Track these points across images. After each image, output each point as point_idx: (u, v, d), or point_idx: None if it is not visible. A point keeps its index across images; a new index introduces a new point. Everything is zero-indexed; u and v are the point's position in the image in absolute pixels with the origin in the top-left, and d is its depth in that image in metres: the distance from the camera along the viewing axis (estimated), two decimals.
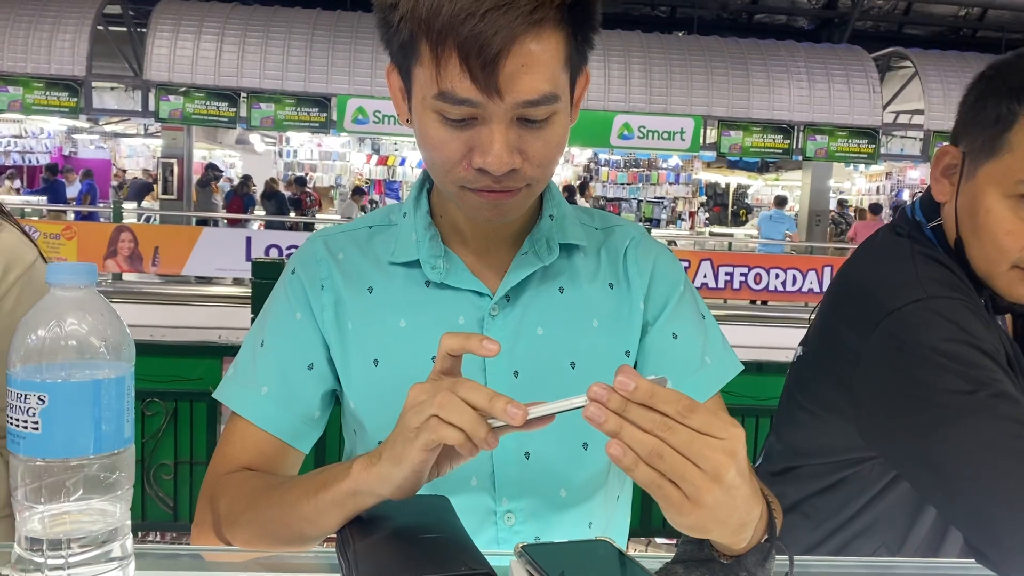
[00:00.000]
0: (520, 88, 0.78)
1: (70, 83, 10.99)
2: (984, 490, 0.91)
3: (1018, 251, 1.01)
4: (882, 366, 1.02)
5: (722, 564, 0.72)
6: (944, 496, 0.96)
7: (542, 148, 0.83)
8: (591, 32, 0.84)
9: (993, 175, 1.02)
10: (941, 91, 11.88)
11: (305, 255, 0.99)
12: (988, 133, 1.02)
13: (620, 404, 0.61)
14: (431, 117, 0.82)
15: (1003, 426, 0.91)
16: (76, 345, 0.64)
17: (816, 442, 1.16)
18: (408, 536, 0.73)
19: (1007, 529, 0.89)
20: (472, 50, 0.75)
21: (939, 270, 1.06)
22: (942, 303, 1.01)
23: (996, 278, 1.05)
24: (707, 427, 0.61)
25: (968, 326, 0.99)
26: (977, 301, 1.05)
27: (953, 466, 0.93)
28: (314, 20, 11.66)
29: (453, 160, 0.83)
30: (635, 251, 1.01)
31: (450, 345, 0.72)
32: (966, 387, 0.94)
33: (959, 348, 0.96)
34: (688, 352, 0.98)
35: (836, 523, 1.16)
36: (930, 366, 0.96)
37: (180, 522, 3.26)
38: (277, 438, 0.94)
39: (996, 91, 1.03)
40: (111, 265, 9.78)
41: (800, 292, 10.49)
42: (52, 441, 0.63)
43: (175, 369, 3.20)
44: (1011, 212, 1.01)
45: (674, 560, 0.74)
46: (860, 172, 19.30)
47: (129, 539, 0.68)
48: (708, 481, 0.60)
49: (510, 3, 0.75)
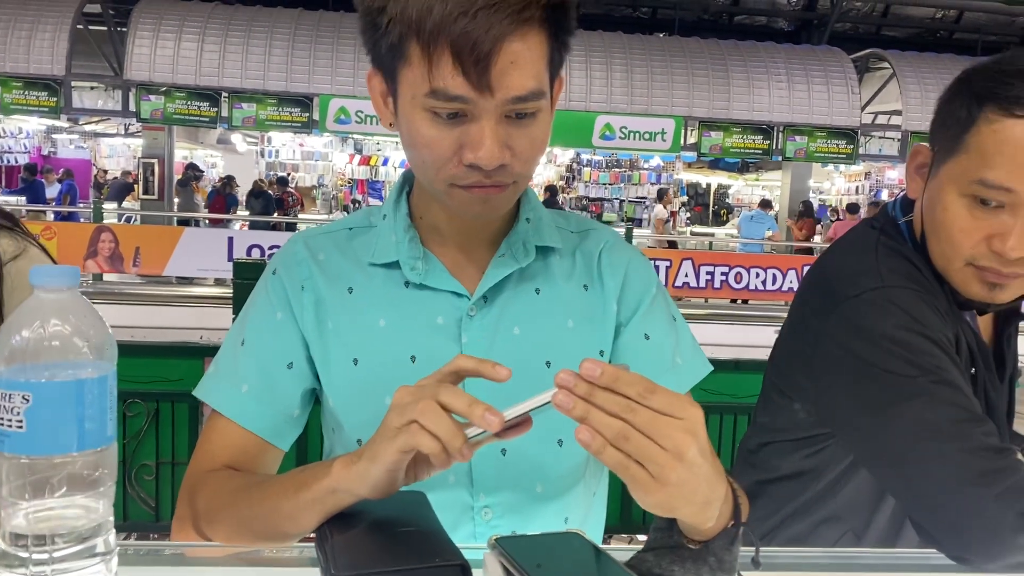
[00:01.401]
0: (510, 84, 0.81)
1: (49, 82, 10.91)
2: (920, 470, 0.97)
3: (970, 248, 1.05)
4: (838, 349, 1.08)
5: (691, 550, 0.74)
6: (887, 474, 1.04)
7: (528, 144, 0.86)
8: (568, 36, 0.88)
9: (952, 174, 1.06)
10: (918, 92, 12.03)
11: (286, 256, 1.01)
12: (951, 133, 1.07)
13: (587, 390, 0.63)
14: (421, 116, 0.84)
15: (942, 410, 0.98)
16: (59, 345, 0.66)
17: (783, 420, 1.22)
18: (385, 530, 0.75)
19: (941, 507, 0.95)
20: (465, 48, 0.78)
21: (900, 262, 1.11)
22: (897, 292, 1.06)
23: (951, 274, 1.09)
24: (668, 408, 0.63)
25: (920, 316, 1.04)
26: (936, 293, 1.10)
27: (894, 446, 1.00)
28: (296, 20, 11.63)
29: (444, 157, 0.85)
30: (609, 254, 1.04)
31: (465, 366, 0.74)
32: (911, 372, 1.00)
33: (909, 336, 1.02)
34: (660, 353, 1.01)
35: (800, 505, 1.21)
36: (880, 351, 1.02)
37: (162, 522, 3.25)
38: (257, 436, 0.95)
39: (963, 94, 1.07)
40: (91, 266, 9.70)
41: (780, 291, 10.58)
42: (36, 439, 0.65)
43: (156, 370, 3.20)
44: (966, 211, 1.05)
45: (644, 549, 0.77)
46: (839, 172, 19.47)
47: (112, 534, 0.70)
48: (672, 460, 0.63)
49: (500, 2, 0.78)
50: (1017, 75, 1.00)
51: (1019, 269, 1.04)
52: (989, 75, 1.04)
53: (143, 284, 10.11)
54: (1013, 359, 1.22)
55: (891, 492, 1.11)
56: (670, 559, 0.75)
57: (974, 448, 0.95)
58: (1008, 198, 1.01)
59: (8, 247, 1.24)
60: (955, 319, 1.10)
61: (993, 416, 1.12)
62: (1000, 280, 1.05)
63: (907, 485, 1.01)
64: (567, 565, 0.73)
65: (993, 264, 1.04)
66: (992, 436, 0.97)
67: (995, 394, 1.15)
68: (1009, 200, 1.01)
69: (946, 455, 0.96)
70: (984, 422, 0.99)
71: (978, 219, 1.04)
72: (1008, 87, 1.00)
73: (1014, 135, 0.99)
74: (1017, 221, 1.01)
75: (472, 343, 0.96)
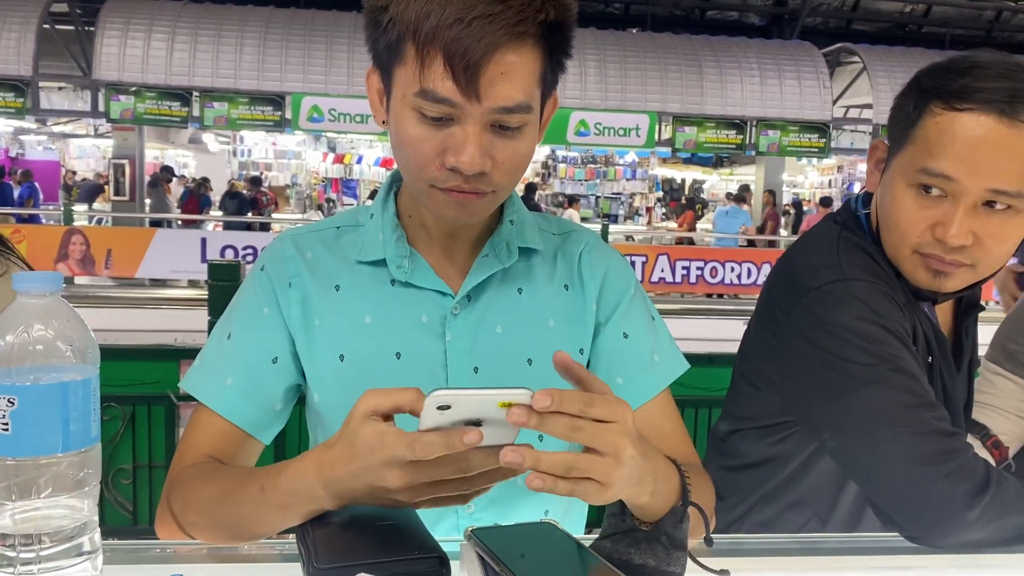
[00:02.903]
0: (498, 94, 0.83)
1: (16, 83, 10.76)
2: (875, 453, 1.03)
3: (916, 237, 1.10)
4: (799, 339, 1.12)
5: (644, 532, 0.79)
6: (846, 458, 1.10)
7: (511, 156, 0.88)
8: (564, 57, 0.90)
9: (900, 165, 1.11)
10: (888, 86, 12.18)
11: (274, 253, 1.03)
12: (901, 127, 1.12)
13: (537, 420, 0.68)
14: (409, 115, 0.86)
15: (896, 396, 1.03)
16: (43, 349, 0.67)
17: (751, 408, 1.26)
18: (365, 524, 0.77)
19: (894, 487, 1.01)
20: (456, 53, 0.81)
21: (860, 256, 1.16)
22: (857, 285, 1.10)
23: (901, 262, 1.14)
24: (605, 415, 0.69)
25: (878, 307, 1.08)
26: (894, 286, 1.14)
27: (851, 430, 1.05)
28: (267, 18, 11.55)
29: (427, 158, 0.87)
30: (589, 255, 1.07)
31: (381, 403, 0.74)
32: (868, 360, 1.05)
33: (866, 326, 1.07)
34: (638, 351, 1.04)
35: (768, 491, 1.25)
36: (839, 341, 1.07)
37: (140, 526, 3.24)
38: (239, 428, 0.97)
39: (913, 91, 1.12)
40: (62, 268, 9.58)
41: (755, 285, 10.68)
42: (22, 441, 0.66)
43: (132, 373, 3.18)
44: (912, 200, 1.09)
45: (601, 536, 0.81)
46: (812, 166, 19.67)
47: (97, 533, 0.72)
48: (612, 463, 0.69)
49: (496, 14, 0.80)
50: (962, 72, 1.05)
51: (961, 257, 1.08)
52: (937, 73, 1.09)
53: (115, 287, 10.01)
54: (971, 349, 1.27)
55: (849, 475, 1.15)
56: (626, 543, 0.79)
57: (925, 432, 1.00)
58: (949, 187, 1.05)
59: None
60: (912, 310, 1.15)
61: (949, 404, 1.16)
62: (944, 268, 1.09)
63: (864, 468, 1.06)
64: (542, 554, 0.76)
65: (936, 252, 1.08)
66: (943, 421, 1.02)
67: (951, 383, 1.19)
68: (951, 189, 1.05)
69: (899, 438, 1.01)
70: (936, 407, 1.04)
71: (923, 208, 1.08)
72: (951, 82, 1.05)
73: (954, 127, 1.04)
74: (958, 210, 1.05)
75: (455, 341, 0.98)
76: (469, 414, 0.69)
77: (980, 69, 1.04)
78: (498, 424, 0.70)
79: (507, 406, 0.69)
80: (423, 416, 0.69)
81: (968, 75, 1.04)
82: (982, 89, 1.02)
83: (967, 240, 1.05)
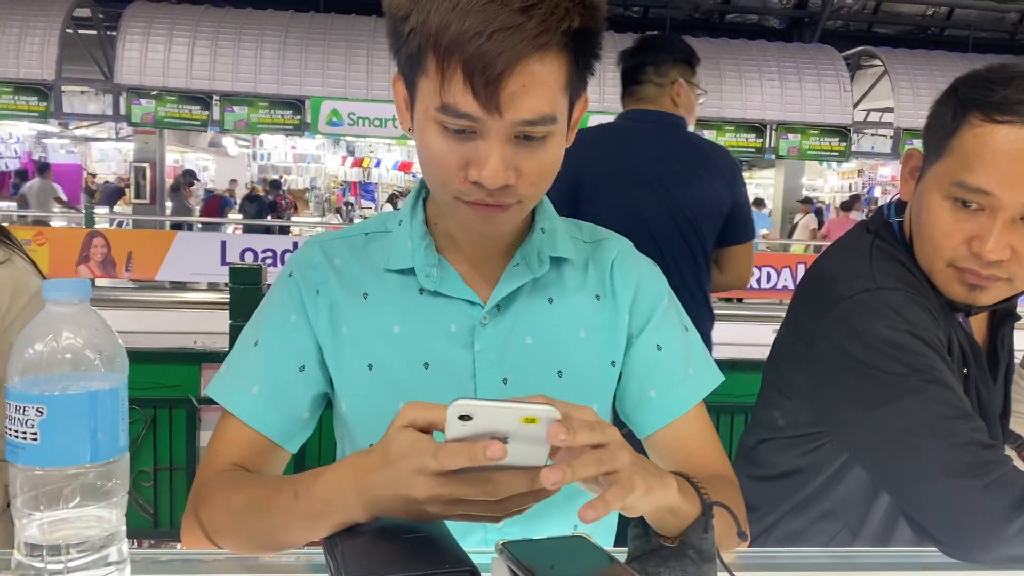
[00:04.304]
0: (520, 107, 0.81)
1: (39, 87, 10.86)
2: (911, 465, 1.01)
3: (951, 250, 1.08)
4: (832, 349, 1.10)
5: (670, 548, 0.78)
6: (880, 470, 1.08)
7: (536, 167, 0.86)
8: (593, 59, 0.88)
9: (936, 177, 1.09)
10: (910, 89, 12.07)
11: (302, 259, 1.02)
12: (937, 138, 1.09)
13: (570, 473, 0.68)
14: (432, 128, 0.85)
15: (932, 407, 1.00)
16: (72, 358, 0.67)
17: (782, 418, 1.24)
18: (394, 536, 0.76)
19: (931, 501, 0.99)
20: (476, 68, 0.78)
21: (893, 265, 1.14)
22: (889, 295, 1.08)
23: (935, 274, 1.12)
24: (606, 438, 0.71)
25: (912, 317, 1.06)
26: (928, 295, 1.12)
27: (886, 442, 1.03)
28: (287, 22, 11.60)
29: (451, 171, 0.86)
30: (621, 264, 1.05)
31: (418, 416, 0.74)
32: (902, 371, 1.03)
33: (900, 336, 1.05)
34: (672, 363, 1.02)
35: (798, 503, 1.23)
36: (872, 351, 1.05)
37: (160, 528, 3.25)
38: (266, 437, 0.96)
39: (950, 100, 1.09)
40: (83, 271, 9.67)
41: (775, 289, 10.61)
42: (50, 451, 0.66)
43: (153, 376, 3.19)
44: (947, 213, 1.07)
45: (628, 559, 0.79)
46: (832, 170, 19.54)
47: (124, 543, 0.71)
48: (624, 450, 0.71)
49: (517, 26, 0.78)
50: (1002, 83, 1.03)
51: (998, 272, 1.06)
52: (975, 82, 1.06)
53: (136, 289, 10.08)
54: (1008, 359, 1.25)
55: (884, 488, 1.13)
56: (655, 562, 0.78)
57: (962, 443, 0.98)
58: (987, 201, 1.03)
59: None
60: (947, 320, 1.12)
61: (985, 415, 1.14)
62: (979, 282, 1.07)
63: (899, 480, 1.04)
64: (574, 568, 0.75)
65: (972, 266, 1.06)
66: (980, 432, 1.00)
67: (987, 393, 1.17)
68: (988, 203, 1.03)
69: (935, 450, 0.99)
70: (972, 419, 1.01)
71: (959, 221, 1.06)
72: (991, 93, 1.02)
73: (994, 139, 1.01)
74: (995, 224, 1.03)
75: (484, 351, 0.97)
76: (492, 427, 0.68)
77: (1021, 80, 1.02)
78: (526, 442, 0.69)
79: (531, 422, 0.67)
80: (447, 427, 0.69)
81: (1009, 86, 1.02)
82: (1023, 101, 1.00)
83: (1005, 255, 1.03)
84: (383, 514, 0.75)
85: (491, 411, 0.68)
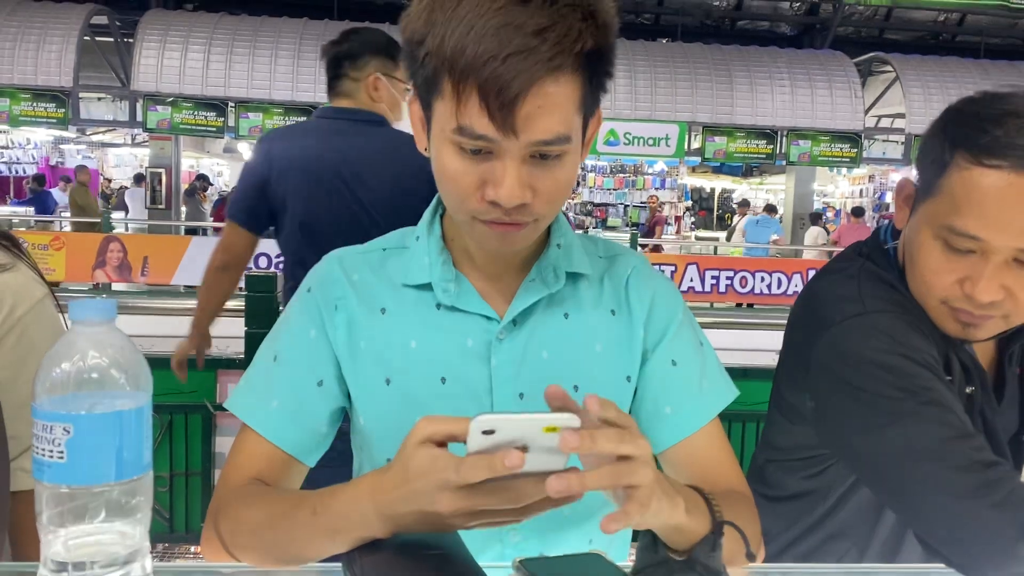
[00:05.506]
0: (535, 128, 0.82)
1: (57, 94, 10.96)
2: (915, 489, 0.99)
3: (942, 290, 1.06)
4: (827, 375, 1.10)
5: (678, 562, 0.78)
6: (887, 494, 1.06)
7: (552, 185, 0.87)
8: (606, 78, 0.89)
9: (927, 215, 1.07)
10: (922, 95, 12.02)
11: (321, 275, 1.03)
12: (928, 174, 1.08)
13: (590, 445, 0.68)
14: (449, 149, 0.86)
15: (929, 430, 0.99)
16: (98, 378, 0.68)
17: (786, 440, 1.25)
18: (412, 552, 0.77)
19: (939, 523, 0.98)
20: (492, 91, 0.79)
21: (882, 287, 1.13)
22: (879, 318, 1.08)
23: (928, 310, 1.11)
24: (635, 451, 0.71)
25: (903, 338, 1.06)
26: (921, 315, 1.11)
27: (888, 467, 1.02)
28: (301, 30, 11.68)
29: (467, 191, 0.87)
30: (636, 279, 1.06)
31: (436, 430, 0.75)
32: (897, 394, 1.02)
33: (892, 359, 1.04)
34: (687, 378, 1.02)
35: (810, 524, 1.23)
36: (866, 376, 1.04)
37: (176, 533, 3.28)
38: (285, 451, 0.97)
39: (939, 135, 1.07)
40: (100, 275, 9.74)
41: (785, 295, 10.57)
42: (77, 469, 0.67)
43: (169, 382, 3.20)
44: (939, 253, 1.06)
45: (634, 571, 0.80)
46: (843, 176, 19.46)
47: (148, 559, 0.72)
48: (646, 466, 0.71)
49: (531, 49, 0.79)
50: (993, 121, 0.99)
51: (991, 311, 1.04)
52: (966, 118, 1.04)
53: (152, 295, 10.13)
54: (1015, 379, 1.23)
55: (893, 510, 1.12)
56: (661, 575, 0.77)
57: (964, 464, 0.97)
58: (976, 245, 1.01)
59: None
60: (944, 339, 1.11)
61: (990, 433, 1.13)
62: (973, 321, 1.06)
63: (905, 504, 1.03)
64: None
65: (965, 306, 1.05)
66: (982, 451, 0.99)
67: (992, 414, 1.15)
68: (979, 247, 1.01)
69: (937, 474, 0.97)
70: (973, 437, 1.00)
71: (951, 261, 1.04)
72: (981, 134, 0.99)
73: (982, 184, 0.99)
74: (987, 266, 1.01)
75: (500, 366, 0.97)
76: (514, 439, 0.69)
77: (1013, 119, 0.98)
78: (545, 450, 0.69)
79: (552, 431, 0.68)
80: (469, 440, 0.69)
81: (1000, 126, 0.98)
82: (1014, 146, 0.97)
83: (998, 296, 1.02)
84: (403, 529, 0.76)
85: (514, 423, 0.69)
